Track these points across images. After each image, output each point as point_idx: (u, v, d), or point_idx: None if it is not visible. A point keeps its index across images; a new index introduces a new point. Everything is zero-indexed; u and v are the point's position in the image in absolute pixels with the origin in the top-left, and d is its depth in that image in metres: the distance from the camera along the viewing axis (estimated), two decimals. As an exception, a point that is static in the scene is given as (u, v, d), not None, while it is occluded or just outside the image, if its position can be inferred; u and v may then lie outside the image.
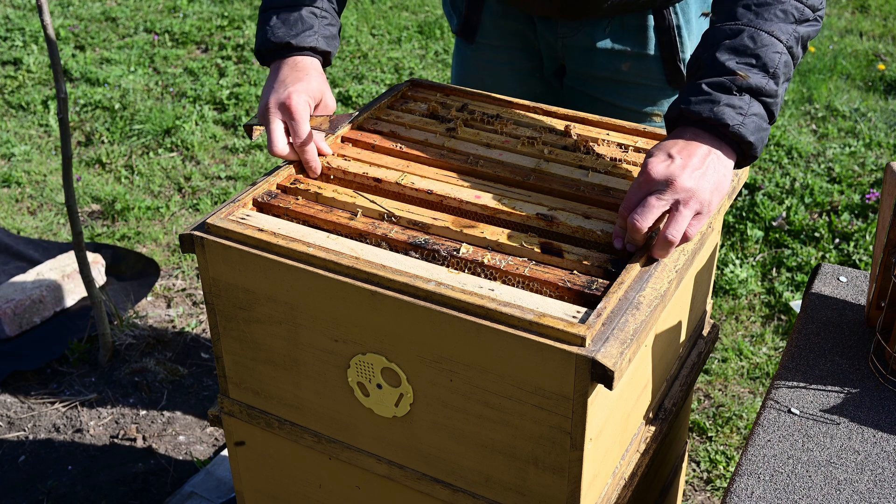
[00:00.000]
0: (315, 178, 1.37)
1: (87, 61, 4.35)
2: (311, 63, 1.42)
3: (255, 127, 1.45)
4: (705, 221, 1.19)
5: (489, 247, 1.22)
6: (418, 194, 1.32)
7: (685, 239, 1.18)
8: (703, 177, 1.16)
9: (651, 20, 1.62)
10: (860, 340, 1.36)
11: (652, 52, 1.65)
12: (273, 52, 1.43)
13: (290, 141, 1.37)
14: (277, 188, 1.35)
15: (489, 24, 1.73)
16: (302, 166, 1.38)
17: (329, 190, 1.33)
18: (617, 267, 1.16)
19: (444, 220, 1.26)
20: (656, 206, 1.15)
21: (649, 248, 1.18)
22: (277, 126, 1.36)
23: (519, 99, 1.60)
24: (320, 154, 1.40)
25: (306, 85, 1.38)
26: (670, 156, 1.18)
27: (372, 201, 1.31)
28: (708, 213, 1.18)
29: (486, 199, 1.29)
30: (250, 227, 1.23)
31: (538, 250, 1.20)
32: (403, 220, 1.27)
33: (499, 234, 1.23)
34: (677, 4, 1.61)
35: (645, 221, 1.15)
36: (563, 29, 1.65)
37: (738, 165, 1.23)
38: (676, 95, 1.51)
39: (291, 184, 1.35)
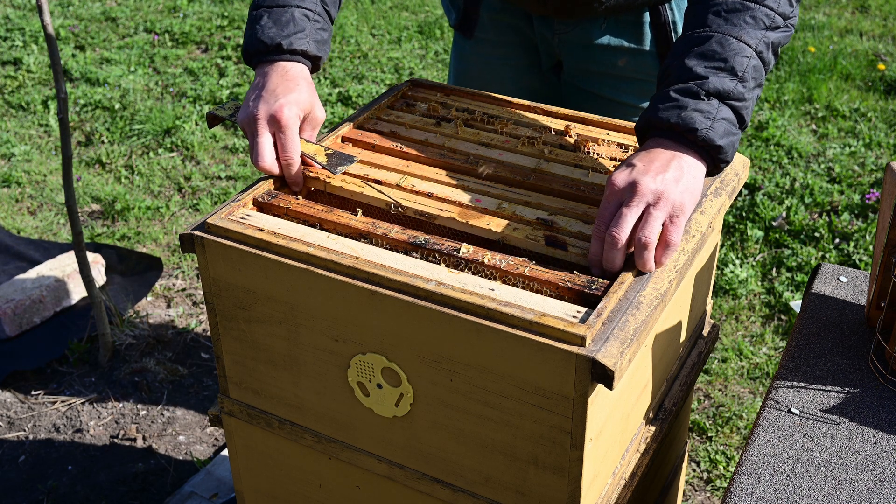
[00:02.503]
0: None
1: (87, 61, 4.35)
2: (301, 72, 1.37)
3: (223, 119, 1.41)
4: (683, 224, 1.15)
5: (496, 238, 1.22)
6: (418, 197, 1.32)
7: (668, 245, 1.15)
8: (669, 179, 1.15)
9: (647, 16, 1.62)
10: (860, 340, 1.36)
11: (648, 47, 1.65)
12: (262, 52, 1.38)
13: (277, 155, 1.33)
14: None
15: (487, 19, 1.74)
16: (283, 181, 1.35)
17: (337, 179, 1.33)
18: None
19: (450, 210, 1.27)
20: (628, 215, 1.13)
21: (639, 259, 1.15)
22: (266, 139, 1.31)
23: (517, 97, 1.60)
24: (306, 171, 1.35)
25: (297, 96, 1.33)
26: (631, 164, 1.17)
27: (379, 191, 1.31)
28: (682, 215, 1.15)
29: (487, 202, 1.29)
30: (250, 227, 1.23)
31: (542, 242, 1.20)
32: (410, 211, 1.27)
33: (504, 226, 1.23)
34: (673, 1, 1.61)
35: (621, 232, 1.12)
36: (559, 26, 1.66)
37: (710, 173, 1.22)
38: None
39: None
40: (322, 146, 1.37)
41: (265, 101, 1.32)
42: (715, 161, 1.20)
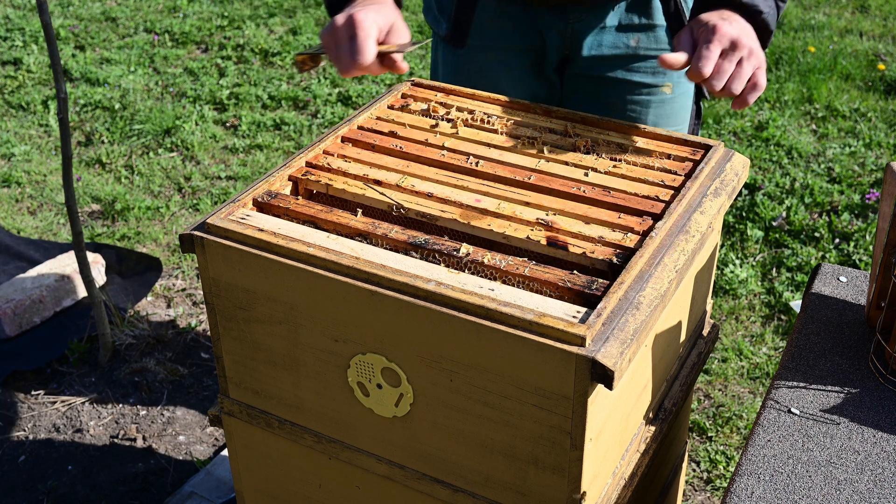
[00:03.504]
0: (325, 171, 1.36)
1: (87, 61, 4.35)
2: (389, 0, 1.41)
3: (310, 57, 1.42)
4: (765, 76, 1.35)
5: (496, 239, 1.22)
6: (418, 198, 1.32)
7: (757, 88, 1.33)
8: (756, 43, 1.34)
9: None
10: (860, 340, 1.36)
11: (659, 22, 1.68)
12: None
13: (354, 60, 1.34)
14: (289, 179, 1.35)
15: (482, 25, 1.72)
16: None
17: (339, 182, 1.34)
18: (622, 260, 1.16)
19: (451, 212, 1.27)
20: (730, 56, 1.32)
21: (738, 99, 1.34)
22: (346, 44, 1.33)
23: (519, 99, 1.60)
24: (396, 71, 1.38)
25: (378, 8, 1.36)
26: (726, 19, 1.34)
27: (381, 193, 1.31)
28: (763, 68, 1.35)
29: (487, 202, 1.29)
30: (250, 227, 1.23)
31: (544, 242, 1.20)
32: (411, 212, 1.27)
33: (505, 227, 1.23)
34: None
35: (730, 76, 1.31)
36: (573, 14, 1.65)
37: None
38: None
39: (303, 175, 1.35)
40: (395, 44, 1.38)
41: (345, 13, 1.35)
42: (763, 45, 1.39)
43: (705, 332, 1.56)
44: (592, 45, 1.69)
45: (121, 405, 2.47)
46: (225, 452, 2.29)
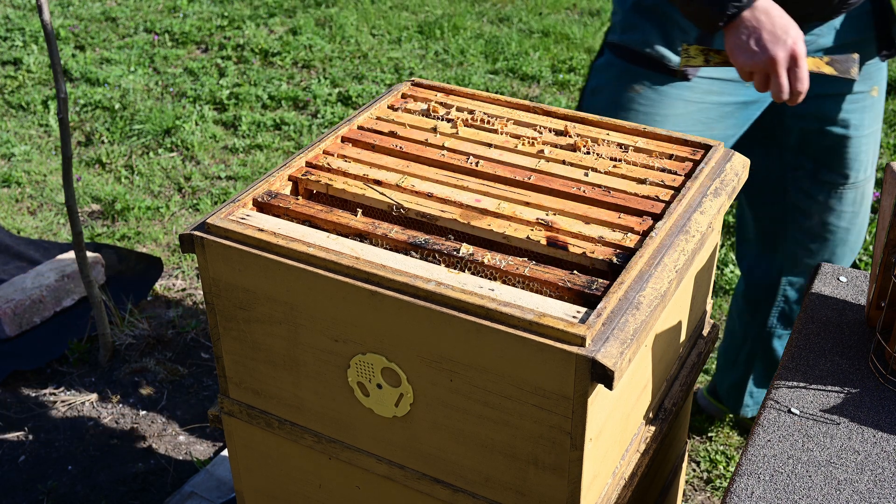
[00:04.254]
0: (325, 171, 1.37)
1: (87, 61, 4.35)
2: (775, 5, 1.49)
3: (697, 60, 1.54)
4: None
5: (496, 239, 1.22)
6: (418, 198, 1.32)
7: None
8: None
9: (869, 4, 1.69)
10: (860, 340, 1.36)
11: (870, 32, 1.72)
12: (738, 4, 1.47)
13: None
14: (289, 179, 1.35)
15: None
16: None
17: (339, 182, 1.34)
18: (622, 260, 1.16)
19: (451, 212, 1.27)
20: None
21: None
22: (785, 77, 1.48)
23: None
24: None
25: (797, 29, 1.46)
26: None
27: (382, 193, 1.31)
28: None
29: (487, 202, 1.29)
30: (250, 227, 1.23)
31: (544, 242, 1.20)
32: (411, 212, 1.27)
33: (505, 227, 1.23)
34: None
35: None
36: (807, 31, 1.67)
37: None
38: (884, 66, 1.80)
39: (303, 175, 1.35)
40: (819, 58, 1.52)
41: (780, 42, 1.46)
42: None
43: (705, 332, 1.56)
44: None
45: (121, 405, 2.47)
46: (225, 452, 2.29)
